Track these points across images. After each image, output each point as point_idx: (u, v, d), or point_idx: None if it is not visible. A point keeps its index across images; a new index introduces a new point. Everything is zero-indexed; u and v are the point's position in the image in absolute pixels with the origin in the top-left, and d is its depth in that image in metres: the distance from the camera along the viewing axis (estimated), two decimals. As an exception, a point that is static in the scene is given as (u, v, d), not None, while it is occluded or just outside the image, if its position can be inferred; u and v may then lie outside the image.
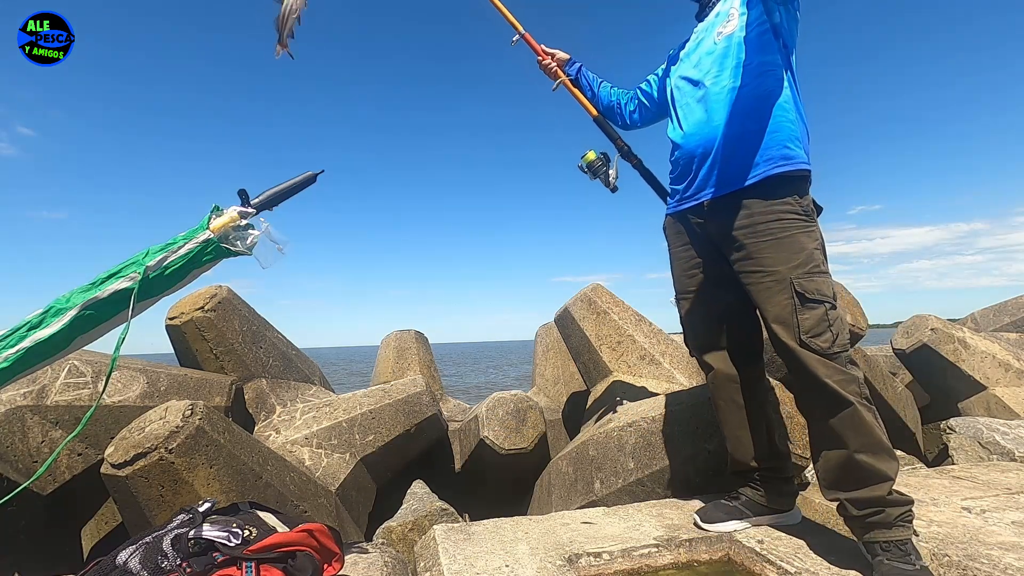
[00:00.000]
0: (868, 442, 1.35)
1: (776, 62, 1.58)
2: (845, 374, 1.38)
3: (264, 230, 1.44)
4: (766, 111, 1.56)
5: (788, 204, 1.50)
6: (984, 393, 3.42)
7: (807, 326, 1.41)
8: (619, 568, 1.46)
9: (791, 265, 1.45)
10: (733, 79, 1.60)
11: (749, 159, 1.55)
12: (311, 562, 1.34)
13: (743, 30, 1.61)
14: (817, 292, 1.43)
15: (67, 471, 2.29)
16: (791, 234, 1.48)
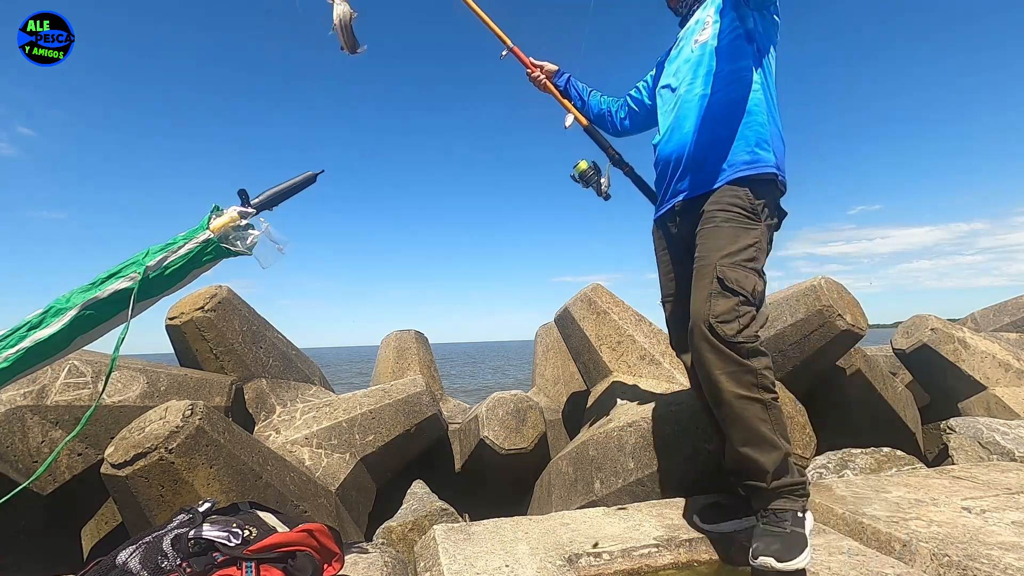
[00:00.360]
0: (749, 436, 1.40)
1: (748, 67, 1.63)
2: (740, 365, 1.40)
3: (264, 230, 1.44)
4: (735, 117, 1.60)
5: (738, 198, 1.55)
6: (984, 393, 3.42)
7: (717, 311, 1.43)
8: (619, 568, 1.46)
9: (721, 253, 1.49)
10: (704, 87, 1.66)
11: (717, 165, 1.59)
12: (311, 562, 1.34)
13: (715, 38, 1.67)
14: (736, 283, 1.45)
15: (67, 471, 2.29)
16: (731, 225, 1.53)
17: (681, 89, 1.73)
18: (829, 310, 2.84)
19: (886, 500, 1.83)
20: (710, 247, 1.52)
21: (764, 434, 1.40)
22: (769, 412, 1.42)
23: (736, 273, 1.46)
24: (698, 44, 1.72)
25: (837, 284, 3.01)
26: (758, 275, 1.50)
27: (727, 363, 1.41)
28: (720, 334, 1.42)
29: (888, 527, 1.59)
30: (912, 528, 1.57)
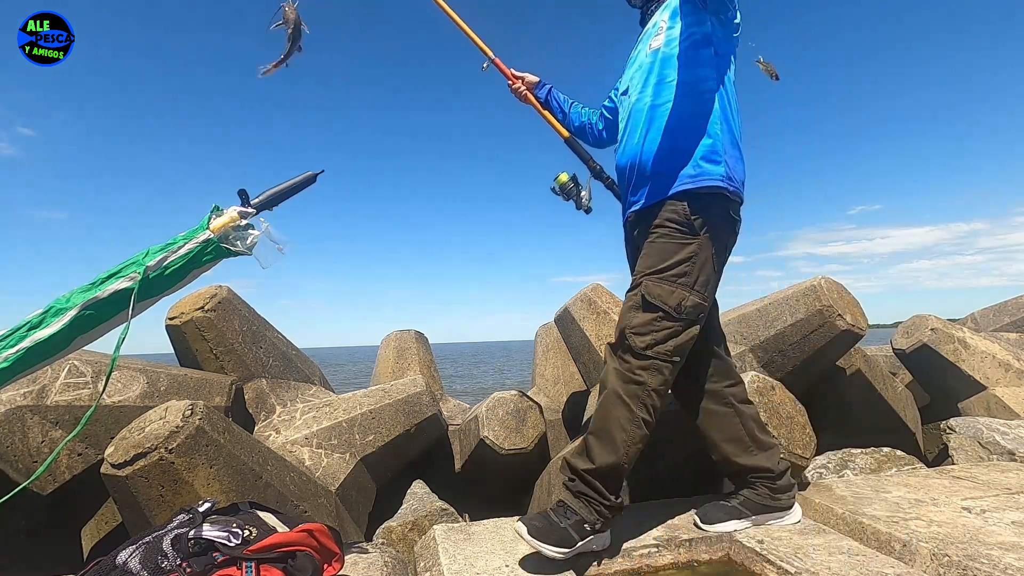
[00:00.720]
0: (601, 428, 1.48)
1: (701, 76, 1.59)
2: (635, 373, 1.47)
3: (264, 230, 1.45)
4: (683, 130, 1.58)
5: (675, 212, 1.55)
6: (984, 393, 3.42)
7: (634, 322, 1.50)
8: (619, 568, 1.46)
9: (650, 269, 1.53)
10: (654, 96, 1.64)
11: (661, 178, 1.59)
12: (311, 562, 1.34)
13: (667, 45, 1.63)
14: (659, 298, 1.50)
15: (67, 471, 2.29)
16: (664, 241, 1.55)
17: (632, 96, 1.71)
18: (829, 310, 2.84)
19: (886, 500, 1.83)
20: (644, 263, 1.56)
21: (615, 437, 1.46)
22: (633, 425, 1.46)
23: (660, 289, 1.50)
24: (651, 50, 1.68)
25: (837, 284, 3.01)
26: (688, 290, 1.51)
27: (624, 370, 1.48)
28: (630, 343, 1.48)
29: (888, 527, 1.59)
30: (912, 528, 1.57)
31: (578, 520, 1.43)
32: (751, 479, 1.68)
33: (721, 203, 1.58)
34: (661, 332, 1.49)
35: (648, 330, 1.49)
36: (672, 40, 1.63)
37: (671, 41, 1.63)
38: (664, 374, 1.50)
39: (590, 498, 1.46)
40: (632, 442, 1.47)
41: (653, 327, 1.49)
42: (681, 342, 1.52)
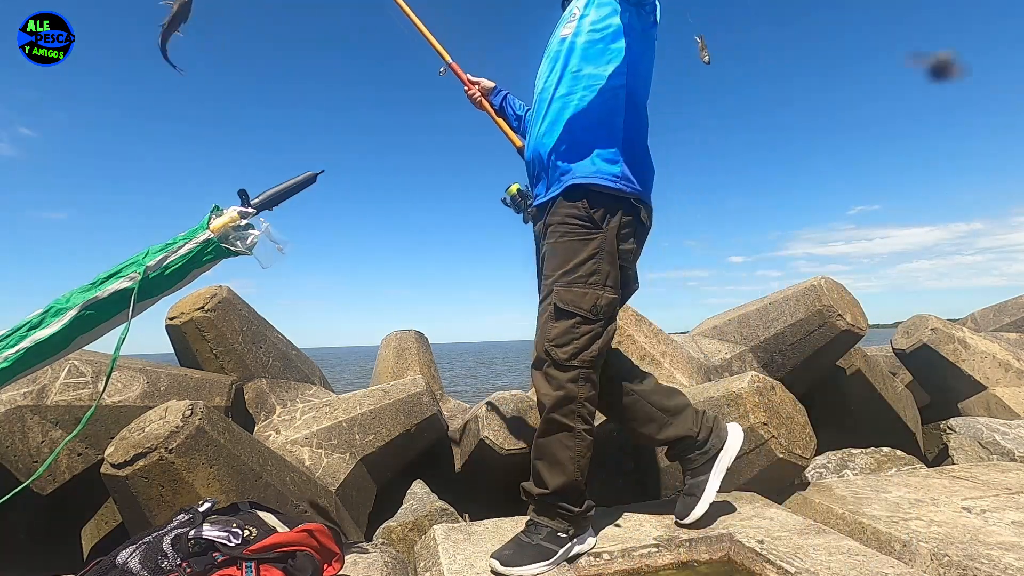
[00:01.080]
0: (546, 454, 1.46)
1: (610, 72, 1.53)
2: (565, 390, 1.43)
3: (264, 230, 1.45)
4: (585, 125, 1.54)
5: (575, 209, 1.50)
6: (984, 393, 3.42)
7: (552, 334, 1.45)
8: (619, 568, 1.46)
9: (558, 273, 1.48)
10: (558, 87, 1.59)
11: (558, 173, 1.55)
12: (311, 562, 1.34)
13: (577, 35, 1.57)
14: (572, 303, 1.45)
15: (67, 471, 2.29)
16: (568, 240, 1.49)
17: (539, 85, 1.67)
18: (829, 310, 2.84)
19: (886, 500, 1.83)
20: (551, 266, 1.51)
21: (561, 459, 1.45)
22: (576, 441, 1.45)
23: (571, 294, 1.46)
24: (561, 38, 1.61)
25: (837, 284, 3.01)
26: (601, 288, 1.48)
27: (553, 386, 1.44)
28: (555, 358, 1.45)
29: (888, 527, 1.59)
30: (912, 528, 1.57)
31: (550, 531, 1.43)
32: (681, 451, 1.67)
33: (618, 202, 1.52)
34: (582, 338, 1.45)
35: (569, 339, 1.45)
36: (582, 30, 1.56)
37: (581, 31, 1.57)
38: (592, 380, 1.49)
39: (556, 510, 1.46)
40: (579, 456, 1.46)
41: (573, 334, 1.45)
42: (604, 343, 1.49)
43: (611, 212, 1.51)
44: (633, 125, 1.57)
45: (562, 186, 1.53)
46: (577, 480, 1.46)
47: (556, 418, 1.45)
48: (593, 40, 1.55)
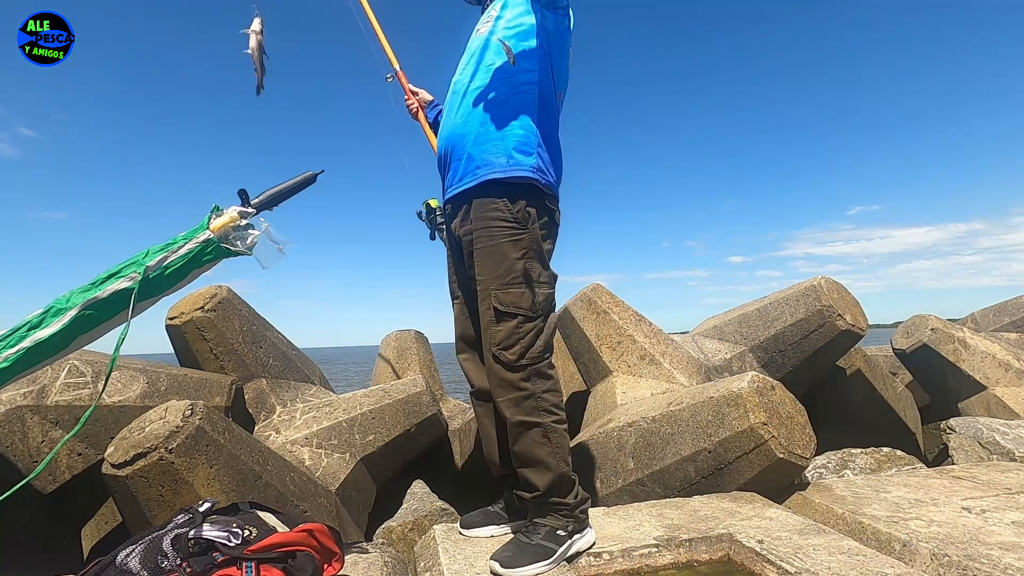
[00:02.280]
0: (527, 459, 1.47)
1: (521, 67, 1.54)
2: (521, 390, 1.46)
3: (264, 230, 1.45)
4: (498, 117, 1.54)
5: (499, 210, 1.50)
6: (984, 393, 3.42)
7: (498, 338, 1.47)
8: (619, 568, 1.46)
9: (493, 275, 1.49)
10: (474, 79, 1.61)
11: (472, 164, 1.55)
12: (311, 562, 1.34)
13: (492, 33, 1.61)
14: (512, 304, 1.47)
15: (67, 471, 2.29)
16: (497, 243, 1.50)
17: (456, 77, 1.70)
18: (829, 310, 2.84)
19: (886, 500, 1.83)
20: (484, 269, 1.51)
21: (540, 457, 1.46)
22: (548, 435, 1.47)
23: (509, 295, 1.47)
24: (478, 35, 1.67)
25: (837, 284, 3.01)
26: (536, 285, 1.50)
27: (509, 390, 1.47)
28: (504, 361, 1.46)
29: (888, 527, 1.59)
30: (912, 528, 1.57)
31: (549, 530, 1.44)
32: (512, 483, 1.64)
33: (535, 195, 1.54)
34: (527, 336, 1.48)
35: (515, 340, 1.47)
36: (497, 28, 1.60)
37: (496, 29, 1.61)
38: (548, 372, 1.51)
39: (552, 508, 1.48)
40: (558, 447, 1.48)
41: (518, 334, 1.47)
42: (548, 336, 1.52)
43: (532, 207, 1.53)
44: (545, 120, 1.59)
45: (477, 179, 1.53)
46: (564, 472, 1.47)
47: (522, 419, 1.46)
48: (507, 36, 1.57)
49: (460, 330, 1.71)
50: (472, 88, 1.60)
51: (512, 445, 1.50)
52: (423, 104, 2.08)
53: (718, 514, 1.71)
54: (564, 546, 1.44)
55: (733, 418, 1.91)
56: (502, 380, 1.47)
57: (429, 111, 2.08)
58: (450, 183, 1.63)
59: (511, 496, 1.66)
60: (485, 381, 1.61)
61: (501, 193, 1.50)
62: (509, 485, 1.67)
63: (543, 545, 1.41)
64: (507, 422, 1.49)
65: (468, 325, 1.68)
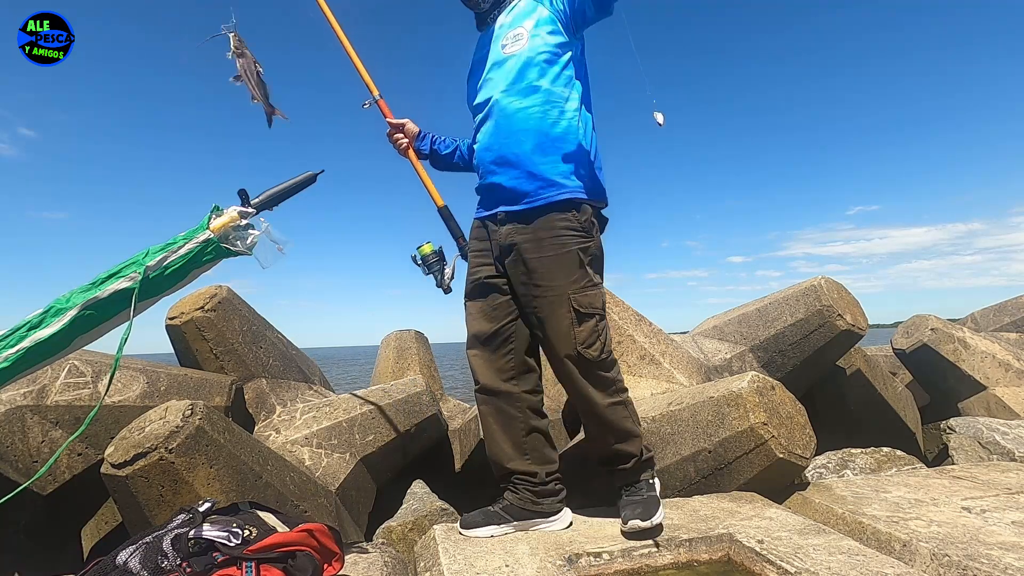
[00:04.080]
0: (620, 435, 1.65)
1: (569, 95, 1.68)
2: (605, 378, 1.64)
3: (264, 230, 1.45)
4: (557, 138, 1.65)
5: (568, 221, 1.63)
6: (984, 393, 3.42)
7: (581, 337, 1.60)
8: (619, 568, 1.46)
9: (569, 281, 1.61)
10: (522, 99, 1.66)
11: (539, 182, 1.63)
12: (311, 562, 1.34)
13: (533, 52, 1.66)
14: (589, 306, 1.62)
15: (67, 471, 2.29)
16: (569, 250, 1.62)
17: (495, 95, 1.69)
18: (829, 310, 2.84)
19: (886, 500, 1.84)
20: (557, 275, 1.61)
21: (630, 429, 1.67)
22: (628, 408, 1.69)
23: (587, 297, 1.62)
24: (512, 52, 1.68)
25: (837, 284, 3.01)
26: (601, 287, 1.68)
27: (596, 381, 1.63)
28: (589, 358, 1.61)
29: (888, 527, 1.59)
30: (912, 528, 1.57)
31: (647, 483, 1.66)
32: (515, 481, 1.68)
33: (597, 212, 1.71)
34: (602, 333, 1.64)
35: (595, 338, 1.62)
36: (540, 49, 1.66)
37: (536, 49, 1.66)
38: (615, 358, 1.69)
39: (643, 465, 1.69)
40: (635, 415, 1.71)
41: (596, 332, 1.62)
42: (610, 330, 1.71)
43: (594, 220, 1.69)
44: (591, 141, 1.72)
45: (549, 200, 1.63)
46: (641, 434, 1.70)
47: (612, 402, 1.64)
48: (551, 60, 1.67)
49: (475, 328, 1.75)
50: (519, 107, 1.66)
51: (603, 428, 1.66)
52: (411, 137, 1.94)
53: (718, 514, 1.71)
54: (658, 488, 1.68)
55: (733, 418, 1.91)
56: (589, 375, 1.62)
57: (420, 143, 1.97)
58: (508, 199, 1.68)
59: (514, 495, 1.67)
60: (494, 379, 1.71)
61: (569, 207, 1.63)
62: (512, 484, 1.69)
63: (652, 496, 1.62)
64: (592, 409, 1.64)
65: (484, 324, 1.73)
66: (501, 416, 1.70)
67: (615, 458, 1.68)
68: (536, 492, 1.67)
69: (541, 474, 1.68)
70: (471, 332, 1.76)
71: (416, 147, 1.95)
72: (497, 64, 1.72)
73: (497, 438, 1.71)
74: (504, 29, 1.74)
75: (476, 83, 1.79)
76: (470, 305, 1.79)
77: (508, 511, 1.65)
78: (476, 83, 1.79)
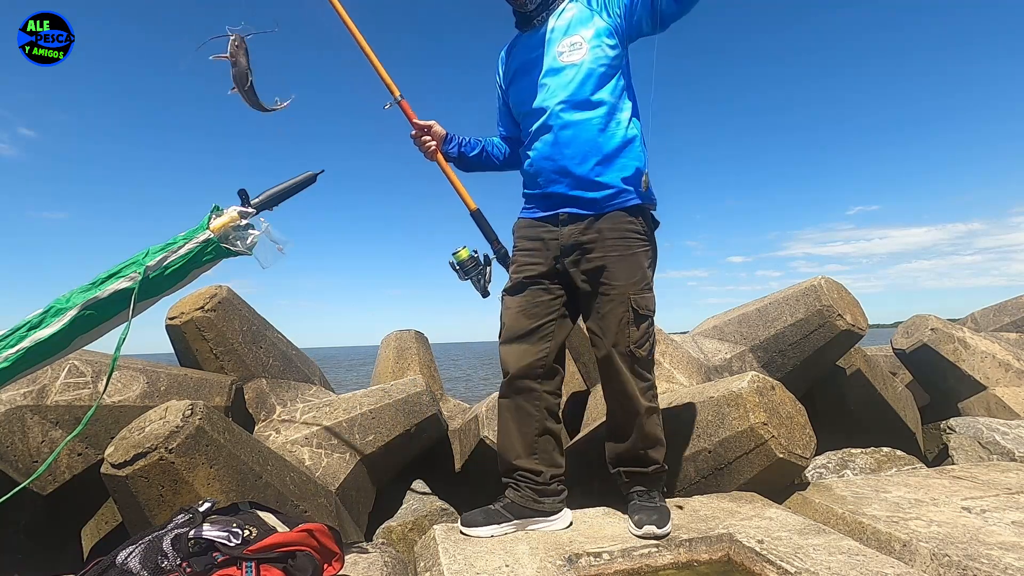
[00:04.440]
0: (650, 440, 1.69)
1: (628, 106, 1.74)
2: (648, 381, 1.69)
3: (264, 230, 1.45)
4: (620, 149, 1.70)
5: (634, 224, 1.70)
6: (984, 393, 3.43)
7: (635, 337, 1.66)
8: (619, 568, 1.46)
9: (631, 282, 1.67)
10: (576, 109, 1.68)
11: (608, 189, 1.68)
12: (311, 562, 1.34)
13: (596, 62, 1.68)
14: (646, 308, 1.68)
15: (67, 471, 2.29)
16: (634, 252, 1.69)
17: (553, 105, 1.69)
18: (829, 310, 2.84)
19: (886, 500, 1.84)
20: (620, 275, 1.67)
21: (659, 436, 1.71)
22: (659, 416, 1.72)
23: (644, 300, 1.68)
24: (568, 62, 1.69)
25: (837, 284, 3.01)
26: (653, 291, 1.74)
27: (641, 381, 1.68)
28: (639, 357, 1.67)
29: (888, 527, 1.59)
30: (912, 528, 1.57)
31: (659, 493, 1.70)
32: (518, 478, 1.70)
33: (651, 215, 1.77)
34: (652, 336, 1.71)
35: (646, 339, 1.68)
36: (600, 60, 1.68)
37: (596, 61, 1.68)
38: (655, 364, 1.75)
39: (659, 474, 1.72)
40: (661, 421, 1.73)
41: (647, 335, 1.68)
42: None
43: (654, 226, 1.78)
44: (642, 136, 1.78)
45: (616, 207, 1.69)
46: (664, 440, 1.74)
47: (649, 406, 1.67)
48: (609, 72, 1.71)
49: (512, 323, 1.76)
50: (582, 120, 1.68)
51: (637, 431, 1.68)
52: (439, 140, 1.88)
53: (718, 514, 1.71)
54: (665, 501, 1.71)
55: (733, 418, 1.91)
56: (637, 374, 1.67)
57: (447, 146, 1.91)
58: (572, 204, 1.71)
59: (515, 493, 1.68)
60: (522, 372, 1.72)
61: (635, 212, 1.71)
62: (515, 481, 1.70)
63: (664, 506, 1.64)
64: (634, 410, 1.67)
65: (523, 320, 1.74)
66: (519, 413, 1.72)
67: (637, 461, 1.70)
68: (538, 491, 1.67)
69: (546, 474, 1.70)
70: (508, 325, 1.77)
71: (443, 150, 1.90)
72: (553, 71, 1.72)
73: (510, 434, 1.73)
74: (558, 34, 1.73)
75: (526, 87, 1.77)
76: (509, 300, 1.79)
77: (509, 509, 1.65)
78: (526, 87, 1.77)
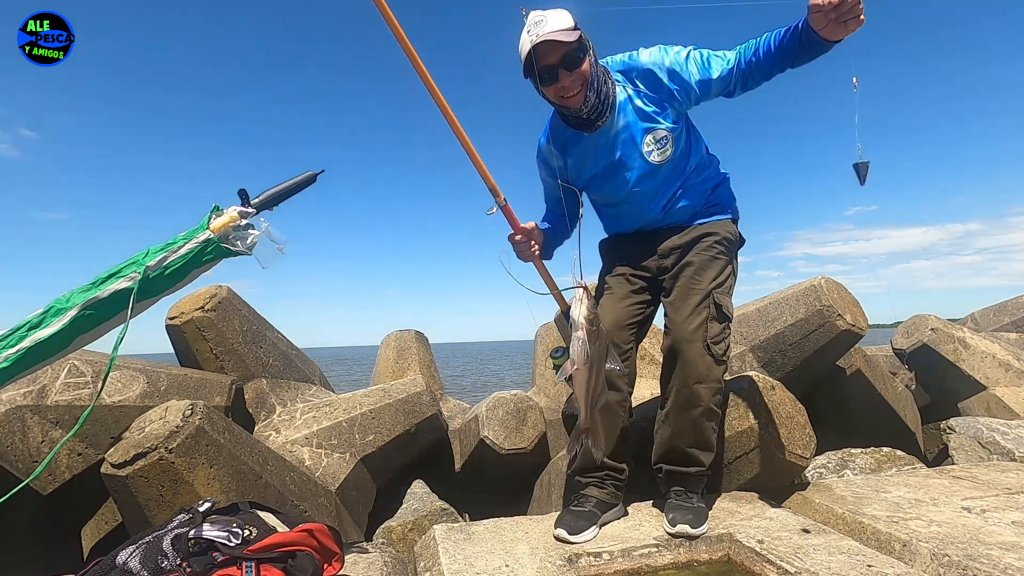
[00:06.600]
0: (700, 440, 1.71)
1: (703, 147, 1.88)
2: (718, 381, 1.70)
3: (264, 230, 1.44)
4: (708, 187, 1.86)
5: (730, 232, 1.84)
6: (984, 393, 3.43)
7: (713, 333, 1.70)
8: (619, 568, 1.46)
9: (716, 282, 1.75)
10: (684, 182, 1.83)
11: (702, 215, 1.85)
12: (311, 562, 1.34)
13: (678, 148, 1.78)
14: (726, 308, 1.74)
15: (67, 471, 2.29)
16: (723, 258, 1.79)
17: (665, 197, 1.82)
18: (829, 310, 2.84)
19: (886, 500, 1.83)
20: (709, 272, 1.75)
21: (710, 440, 1.73)
22: (716, 421, 1.74)
23: (725, 300, 1.75)
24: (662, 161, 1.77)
25: (837, 284, 3.01)
26: (732, 300, 1.80)
27: (711, 378, 1.68)
28: (714, 354, 1.69)
29: (888, 527, 1.59)
30: (912, 528, 1.57)
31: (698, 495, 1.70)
32: (605, 476, 1.74)
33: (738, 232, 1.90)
34: (728, 337, 1.75)
35: (723, 338, 1.72)
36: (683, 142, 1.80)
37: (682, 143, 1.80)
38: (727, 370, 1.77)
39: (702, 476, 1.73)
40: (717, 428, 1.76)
41: (724, 334, 1.72)
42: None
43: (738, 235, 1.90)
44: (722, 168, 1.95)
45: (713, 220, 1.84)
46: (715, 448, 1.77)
47: (712, 408, 1.69)
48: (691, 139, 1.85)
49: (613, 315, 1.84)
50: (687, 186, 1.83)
51: (690, 426, 1.70)
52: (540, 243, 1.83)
53: (718, 514, 1.71)
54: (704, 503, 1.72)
55: (733, 418, 1.91)
56: (710, 369, 1.68)
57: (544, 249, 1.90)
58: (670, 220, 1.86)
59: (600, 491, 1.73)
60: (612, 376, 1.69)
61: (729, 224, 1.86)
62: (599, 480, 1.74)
63: (702, 507, 1.65)
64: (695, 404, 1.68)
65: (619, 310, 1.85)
66: (606, 411, 1.69)
67: (684, 460, 1.72)
68: (618, 487, 1.76)
69: (625, 470, 1.78)
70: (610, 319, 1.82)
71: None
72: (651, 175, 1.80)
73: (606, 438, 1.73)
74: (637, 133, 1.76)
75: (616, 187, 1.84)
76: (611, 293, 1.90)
77: (600, 507, 1.69)
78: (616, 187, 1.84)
